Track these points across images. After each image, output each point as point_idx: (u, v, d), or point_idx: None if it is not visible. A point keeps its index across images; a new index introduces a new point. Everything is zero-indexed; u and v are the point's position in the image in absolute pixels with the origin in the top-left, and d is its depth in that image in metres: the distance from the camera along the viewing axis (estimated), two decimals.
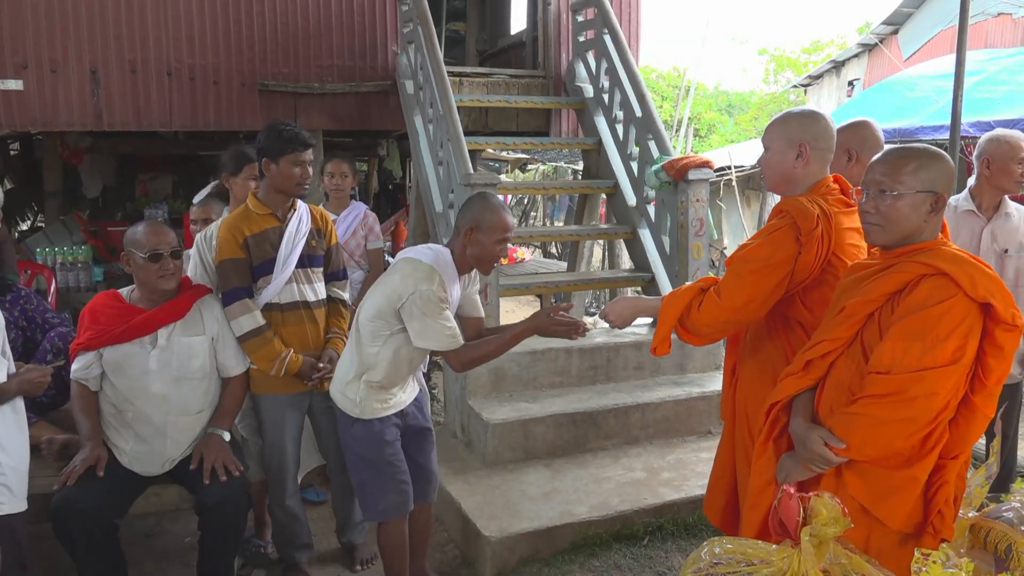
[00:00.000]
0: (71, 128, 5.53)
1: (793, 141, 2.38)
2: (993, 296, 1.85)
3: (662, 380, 4.40)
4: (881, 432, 1.90)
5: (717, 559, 1.83)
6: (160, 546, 3.44)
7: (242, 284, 2.89)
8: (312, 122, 5.81)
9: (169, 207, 8.81)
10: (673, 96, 21.03)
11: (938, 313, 1.86)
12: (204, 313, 2.87)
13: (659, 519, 3.42)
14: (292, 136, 2.86)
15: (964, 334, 1.85)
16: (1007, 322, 1.85)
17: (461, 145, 4.38)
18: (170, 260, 2.75)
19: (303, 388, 3.00)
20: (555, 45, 6.28)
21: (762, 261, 2.31)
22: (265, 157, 2.89)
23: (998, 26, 11.09)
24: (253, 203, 2.96)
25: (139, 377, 2.75)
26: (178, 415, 2.80)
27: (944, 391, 1.86)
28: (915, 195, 1.94)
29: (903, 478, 1.93)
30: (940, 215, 1.99)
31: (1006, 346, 1.88)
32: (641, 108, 5.00)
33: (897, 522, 1.94)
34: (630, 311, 2.68)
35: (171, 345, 2.78)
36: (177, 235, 2.88)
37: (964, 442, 1.95)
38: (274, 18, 5.65)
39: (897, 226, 1.97)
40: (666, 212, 4.69)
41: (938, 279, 1.89)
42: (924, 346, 1.86)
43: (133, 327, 2.75)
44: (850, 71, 14.01)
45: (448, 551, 3.42)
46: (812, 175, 2.41)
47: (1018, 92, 7.29)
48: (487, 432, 3.78)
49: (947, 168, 1.98)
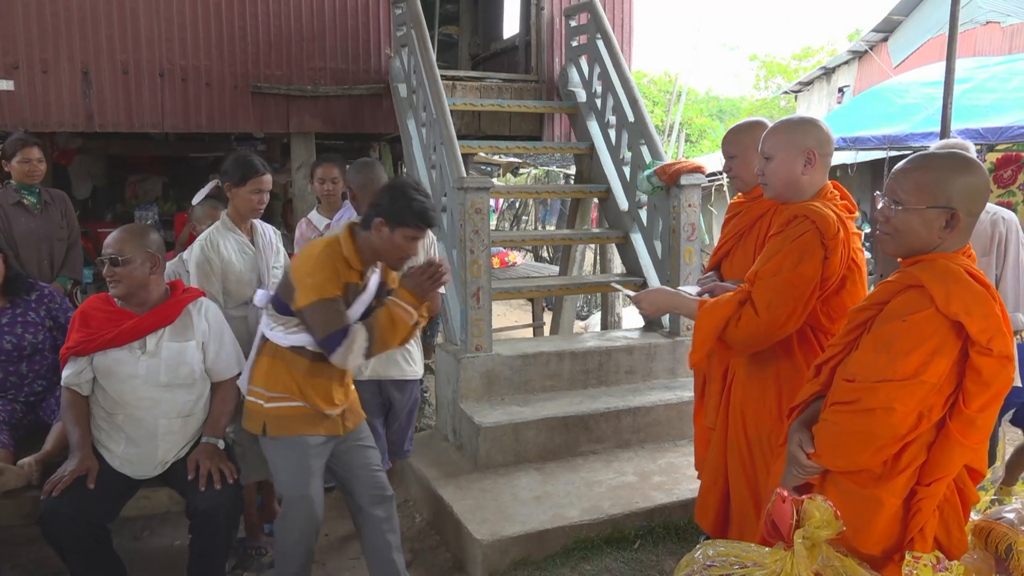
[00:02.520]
0: (62, 129, 5.50)
1: (800, 149, 2.38)
2: (968, 315, 1.76)
3: (654, 384, 4.41)
4: (844, 442, 1.86)
5: (710, 561, 1.83)
6: (149, 549, 3.43)
7: (344, 325, 2.54)
8: (304, 125, 5.81)
9: (159, 208, 8.78)
10: (665, 101, 21.11)
11: (906, 325, 1.80)
12: (195, 317, 2.84)
13: (650, 523, 3.42)
14: (420, 212, 2.54)
15: (931, 351, 1.77)
16: (981, 344, 1.76)
17: (454, 149, 4.38)
18: (110, 267, 2.67)
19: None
20: (548, 49, 6.29)
21: (792, 270, 2.29)
22: (383, 219, 2.54)
23: (987, 34, 11.20)
24: (350, 251, 2.58)
25: (128, 381, 2.73)
26: (169, 418, 2.77)
27: (903, 407, 1.78)
28: (927, 211, 1.85)
29: (869, 498, 1.86)
30: (961, 230, 1.87)
31: (984, 372, 1.78)
32: (634, 113, 5.02)
33: (865, 544, 1.86)
34: (666, 305, 2.65)
35: (159, 351, 2.75)
36: (168, 236, 2.85)
37: (939, 469, 1.85)
38: (267, 20, 5.64)
39: (905, 238, 1.90)
40: (658, 217, 4.70)
41: (914, 291, 1.84)
42: (887, 357, 1.81)
43: (123, 333, 2.71)
44: (840, 78, 14.12)
45: (440, 554, 3.41)
46: (816, 182, 2.43)
47: (1006, 100, 7.36)
48: (479, 435, 3.78)
49: (970, 182, 1.85)
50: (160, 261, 2.78)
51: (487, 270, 4.15)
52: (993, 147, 6.60)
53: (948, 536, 1.90)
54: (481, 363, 4.10)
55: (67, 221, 4.52)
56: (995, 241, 3.42)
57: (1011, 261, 3.42)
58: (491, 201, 6.12)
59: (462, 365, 4.03)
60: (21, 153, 4.26)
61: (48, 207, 4.43)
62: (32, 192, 4.35)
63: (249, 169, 3.22)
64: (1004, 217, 3.46)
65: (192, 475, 2.71)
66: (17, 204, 4.30)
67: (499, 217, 16.50)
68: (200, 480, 2.69)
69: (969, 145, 3.46)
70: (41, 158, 4.35)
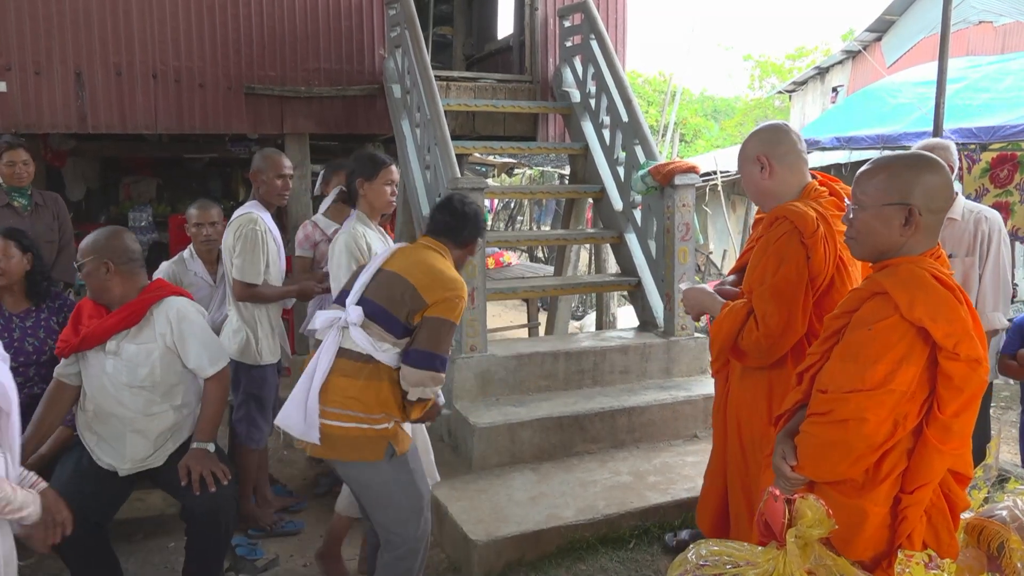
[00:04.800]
0: (55, 130, 5.49)
1: (749, 158, 2.48)
2: (932, 321, 1.74)
3: (648, 384, 4.41)
4: (823, 454, 1.85)
5: (703, 561, 1.83)
6: (143, 551, 3.41)
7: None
8: (298, 126, 5.80)
9: (153, 210, 8.76)
10: (659, 101, 21.12)
11: (871, 334, 1.79)
12: (156, 319, 2.77)
13: (645, 522, 3.42)
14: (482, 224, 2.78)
15: (897, 359, 1.75)
16: (947, 350, 1.74)
17: (448, 149, 4.38)
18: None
19: None
20: (542, 50, 6.30)
21: (775, 274, 2.31)
22: (469, 240, 2.72)
23: (979, 34, 11.23)
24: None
25: (98, 378, 2.75)
26: (133, 416, 2.75)
27: (875, 417, 1.76)
28: (882, 208, 1.85)
29: (854, 508, 1.85)
30: (923, 229, 1.85)
31: (955, 377, 1.76)
32: (628, 113, 5.02)
33: (853, 553, 1.85)
34: (698, 307, 2.70)
35: (120, 351, 2.73)
36: (163, 237, 2.85)
37: (921, 476, 1.83)
38: (261, 21, 5.63)
39: (868, 239, 1.90)
40: (652, 217, 4.71)
41: (879, 298, 1.82)
42: (856, 367, 1.79)
43: (88, 336, 2.71)
44: (834, 77, 14.15)
45: (435, 555, 3.41)
46: (786, 183, 2.46)
47: (999, 99, 7.38)
48: (473, 436, 3.77)
49: (927, 179, 1.84)
50: (113, 265, 2.72)
51: (482, 270, 4.15)
52: (987, 146, 6.61)
53: (938, 542, 1.89)
54: (476, 364, 4.10)
55: (59, 223, 4.50)
56: (978, 240, 3.43)
57: (992, 261, 3.42)
58: (486, 201, 6.11)
59: (457, 366, 4.03)
60: (7, 155, 4.25)
61: (39, 209, 4.42)
62: (23, 194, 4.34)
63: (379, 162, 3.26)
64: (987, 216, 3.48)
65: (184, 481, 2.69)
66: (6, 206, 4.29)
67: (494, 217, 16.49)
68: (193, 485, 2.68)
69: (950, 144, 3.47)
70: (28, 160, 4.34)
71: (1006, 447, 4.36)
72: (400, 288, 2.47)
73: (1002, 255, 3.44)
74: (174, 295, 2.87)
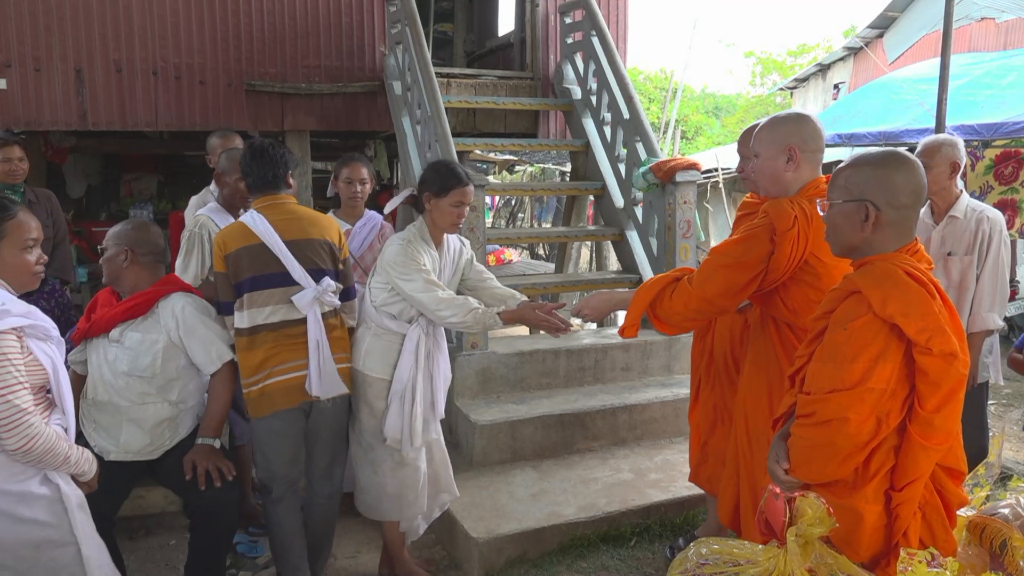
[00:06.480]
0: (55, 127, 5.48)
1: (782, 146, 2.39)
2: (905, 317, 1.74)
3: (649, 381, 4.41)
4: (812, 456, 1.85)
5: (704, 559, 1.83)
6: (144, 549, 3.41)
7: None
8: (299, 123, 5.79)
9: (154, 207, 8.75)
10: (660, 98, 21.11)
11: (847, 334, 1.80)
12: (162, 313, 2.79)
13: (646, 520, 3.42)
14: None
15: (873, 357, 1.76)
16: (921, 345, 1.75)
17: (449, 146, 4.37)
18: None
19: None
20: (543, 47, 6.28)
21: (735, 257, 2.36)
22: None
23: (981, 30, 11.20)
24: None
25: (99, 366, 2.77)
26: (128, 405, 2.75)
27: (857, 416, 1.76)
28: (843, 205, 1.88)
29: (848, 508, 1.85)
30: (888, 225, 1.86)
31: (930, 372, 1.76)
32: (629, 110, 5.01)
33: (855, 554, 1.85)
34: (606, 305, 2.72)
35: (123, 339, 2.76)
36: (164, 236, 2.86)
37: (908, 473, 1.83)
38: (261, 18, 5.63)
39: (834, 236, 1.94)
40: (653, 214, 4.70)
41: (854, 298, 1.83)
42: (834, 367, 1.81)
43: (97, 321, 2.77)
44: (836, 74, 14.11)
45: (435, 552, 3.41)
46: (802, 178, 2.43)
47: (1001, 96, 7.36)
48: (475, 433, 3.77)
49: (884, 175, 1.84)
50: (132, 254, 2.77)
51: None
52: (990, 143, 6.59)
53: (933, 537, 1.89)
54: (477, 361, 4.10)
55: (53, 220, 4.49)
56: (979, 240, 3.43)
57: (991, 261, 3.41)
58: (487, 198, 6.11)
59: (458, 363, 4.02)
60: (1, 152, 4.24)
61: (32, 206, 4.40)
62: (16, 191, 4.33)
63: (451, 178, 2.87)
64: (989, 217, 3.46)
65: (189, 476, 2.70)
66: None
67: (495, 215, 16.47)
68: (199, 479, 2.69)
69: (957, 140, 3.45)
70: (23, 157, 4.32)
71: (1009, 445, 4.36)
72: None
73: (1001, 256, 3.43)
74: (182, 291, 2.90)
